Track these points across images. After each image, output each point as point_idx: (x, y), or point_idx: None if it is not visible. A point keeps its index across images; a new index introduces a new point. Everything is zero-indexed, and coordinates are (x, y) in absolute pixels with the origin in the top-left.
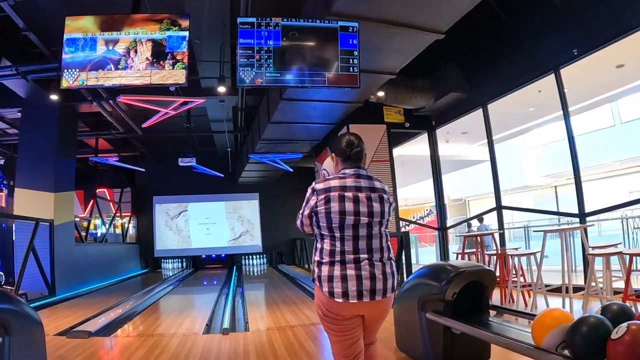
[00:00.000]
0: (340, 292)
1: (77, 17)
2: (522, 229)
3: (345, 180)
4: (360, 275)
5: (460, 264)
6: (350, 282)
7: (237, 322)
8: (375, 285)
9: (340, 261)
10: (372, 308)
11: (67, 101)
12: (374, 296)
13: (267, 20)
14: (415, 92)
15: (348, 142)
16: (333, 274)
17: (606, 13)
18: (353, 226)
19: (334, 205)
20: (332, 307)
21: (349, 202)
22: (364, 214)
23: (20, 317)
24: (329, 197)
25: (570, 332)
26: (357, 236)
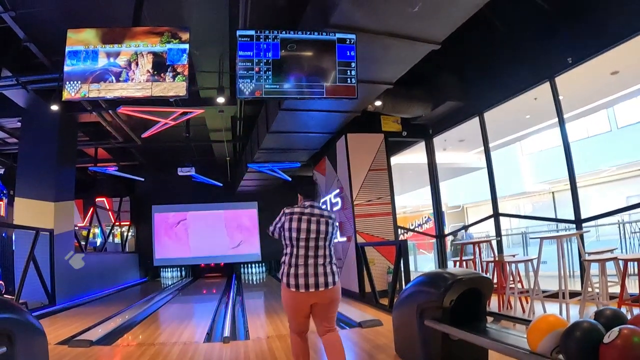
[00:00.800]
0: (294, 284)
1: (79, 30)
2: (520, 235)
3: (303, 209)
4: (307, 273)
5: (457, 271)
6: (300, 279)
7: (237, 331)
8: (318, 280)
9: (295, 264)
10: (319, 296)
11: (67, 111)
12: (318, 288)
13: (265, 33)
14: (412, 101)
15: (308, 186)
16: (290, 272)
17: (600, 22)
18: (305, 239)
19: (293, 224)
20: (288, 295)
21: (303, 222)
22: (313, 231)
23: (24, 327)
24: (292, 218)
25: (564, 337)
26: (307, 246)
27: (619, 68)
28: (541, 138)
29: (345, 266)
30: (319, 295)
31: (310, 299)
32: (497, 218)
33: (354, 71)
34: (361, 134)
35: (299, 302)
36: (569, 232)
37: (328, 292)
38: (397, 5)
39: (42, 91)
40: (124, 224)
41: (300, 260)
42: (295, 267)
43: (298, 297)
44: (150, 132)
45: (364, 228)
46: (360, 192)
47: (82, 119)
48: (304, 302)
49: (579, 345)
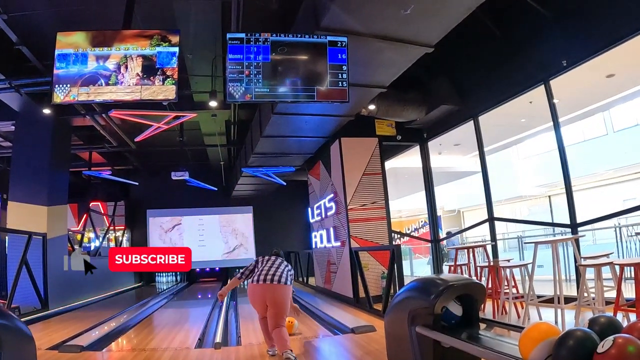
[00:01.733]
0: (255, 279)
1: (68, 33)
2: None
3: (271, 257)
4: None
5: (450, 277)
6: (261, 276)
7: (229, 336)
8: (272, 278)
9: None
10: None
11: (61, 115)
12: (271, 282)
13: (256, 36)
14: (406, 105)
15: (275, 252)
16: (254, 278)
17: (594, 24)
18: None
19: (261, 262)
20: (250, 288)
21: (267, 263)
22: (272, 268)
23: (12, 332)
24: (262, 260)
25: (557, 346)
26: (270, 267)
27: (615, 71)
28: (537, 141)
29: (339, 271)
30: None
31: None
32: (492, 222)
33: (346, 74)
34: (355, 138)
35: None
36: (564, 237)
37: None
38: (389, 8)
39: (36, 95)
40: (119, 228)
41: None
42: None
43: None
44: (143, 135)
45: (358, 233)
46: (354, 196)
47: (76, 122)
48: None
49: (572, 355)
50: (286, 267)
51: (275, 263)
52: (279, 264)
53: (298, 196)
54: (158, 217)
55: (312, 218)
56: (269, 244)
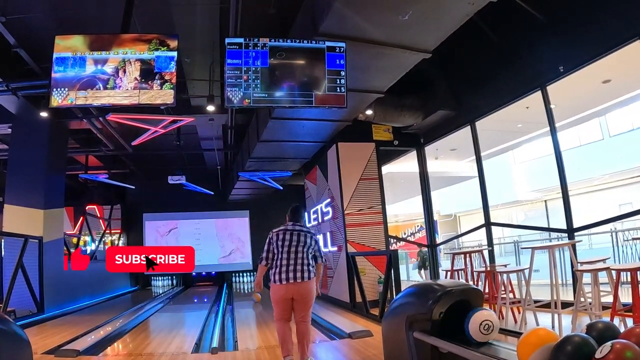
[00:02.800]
0: (278, 279)
1: (67, 36)
2: (513, 244)
3: (287, 226)
4: (288, 270)
5: (447, 283)
6: (282, 274)
7: (226, 341)
8: (295, 275)
9: (280, 265)
10: (296, 288)
11: (58, 118)
12: (295, 280)
13: (254, 41)
14: (403, 110)
15: (295, 211)
16: (276, 272)
17: (591, 30)
18: (287, 246)
19: (279, 237)
20: (275, 288)
21: (287, 236)
22: (293, 243)
23: (8, 336)
24: (278, 234)
25: (555, 352)
26: (289, 252)
27: (611, 76)
28: (533, 146)
29: (336, 276)
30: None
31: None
32: (489, 227)
33: (344, 80)
34: (352, 143)
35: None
36: (561, 242)
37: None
38: (387, 14)
39: (33, 98)
40: (115, 232)
41: (283, 262)
42: (280, 268)
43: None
44: (140, 139)
45: (355, 237)
46: (351, 201)
47: (72, 126)
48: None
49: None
50: (307, 247)
51: (293, 244)
52: (297, 244)
53: (295, 201)
54: (154, 220)
55: (309, 223)
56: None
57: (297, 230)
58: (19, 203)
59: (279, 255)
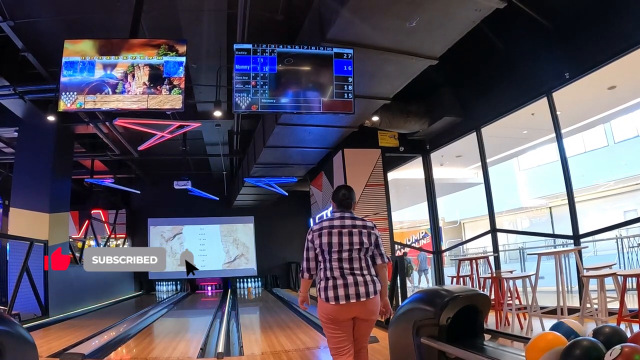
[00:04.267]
0: (332, 297)
1: (76, 41)
2: (518, 251)
3: (333, 221)
4: (346, 284)
5: (454, 288)
6: (340, 289)
7: (231, 346)
8: (358, 290)
9: (332, 277)
10: (360, 307)
11: (64, 122)
12: (358, 298)
13: (262, 47)
14: (409, 116)
15: (343, 194)
16: (328, 285)
17: (596, 37)
18: (337, 251)
19: (324, 238)
20: (327, 309)
21: (334, 236)
22: (345, 243)
23: (14, 339)
24: (321, 233)
25: (563, 356)
26: (341, 258)
27: (616, 83)
28: (538, 153)
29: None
30: (361, 306)
31: (351, 311)
32: (495, 234)
33: (351, 86)
34: (358, 149)
35: (342, 319)
36: (567, 248)
37: (369, 302)
38: (394, 21)
39: (40, 102)
40: (120, 237)
41: (336, 272)
42: (332, 280)
43: (340, 311)
44: (146, 144)
45: None
46: (356, 207)
47: (78, 130)
48: (347, 317)
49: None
50: (366, 249)
51: (345, 248)
52: (350, 247)
53: (300, 207)
54: (159, 225)
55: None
56: (270, 254)
57: (349, 225)
58: (24, 206)
59: (327, 264)
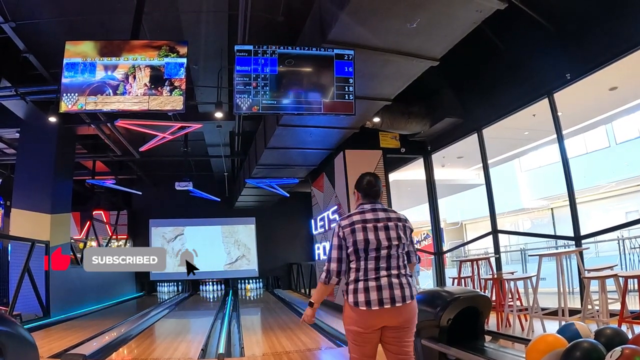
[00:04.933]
0: (364, 302)
1: (77, 42)
2: (519, 252)
3: (364, 214)
4: (380, 285)
5: (455, 289)
6: (372, 293)
7: (232, 347)
8: (393, 293)
9: (364, 279)
10: (394, 314)
11: (66, 123)
12: (393, 303)
13: (263, 48)
14: (410, 117)
15: (369, 182)
16: (358, 287)
17: (598, 37)
18: (375, 249)
19: (358, 235)
20: (356, 316)
21: (370, 231)
22: (383, 239)
23: (15, 339)
24: (354, 229)
25: (564, 358)
26: (379, 257)
27: (618, 84)
28: (539, 154)
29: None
30: (396, 312)
31: (384, 318)
32: (496, 235)
33: (352, 87)
34: (359, 150)
35: (371, 329)
36: (569, 249)
37: (406, 307)
38: (395, 21)
39: (41, 103)
40: (121, 238)
41: (370, 273)
42: (363, 281)
43: (371, 318)
44: (147, 145)
45: None
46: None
47: (80, 131)
48: (378, 326)
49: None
50: (403, 245)
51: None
52: (389, 242)
53: (301, 208)
54: (160, 226)
55: (315, 230)
56: (271, 255)
57: (383, 219)
58: (26, 207)
59: (361, 264)
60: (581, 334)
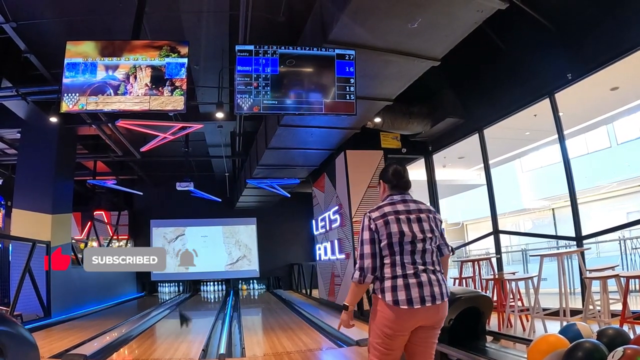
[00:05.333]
0: (405, 300)
1: (78, 42)
2: (520, 253)
3: (395, 205)
4: (421, 282)
5: (457, 290)
6: (413, 290)
7: (233, 348)
8: (433, 290)
9: (402, 275)
10: (433, 313)
11: (67, 124)
12: (434, 301)
13: (264, 48)
14: (411, 118)
15: (397, 172)
16: (397, 284)
17: (599, 38)
18: (410, 242)
19: (393, 227)
20: (395, 316)
21: (404, 223)
22: (417, 232)
23: (16, 340)
24: (387, 220)
25: (565, 358)
26: (414, 251)
27: (619, 84)
28: (541, 155)
29: (344, 283)
30: (434, 311)
31: (421, 317)
32: (497, 235)
33: (353, 87)
34: (360, 150)
35: (405, 331)
36: (570, 250)
37: (442, 306)
38: (396, 22)
39: (42, 103)
40: (122, 238)
41: (409, 268)
42: (402, 278)
43: (410, 318)
44: (148, 146)
45: None
46: (359, 208)
47: (81, 131)
48: (413, 326)
49: None
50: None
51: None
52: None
53: (302, 208)
54: (161, 227)
55: (316, 230)
56: (272, 256)
57: (415, 210)
58: (27, 207)
59: (397, 259)
60: (583, 334)
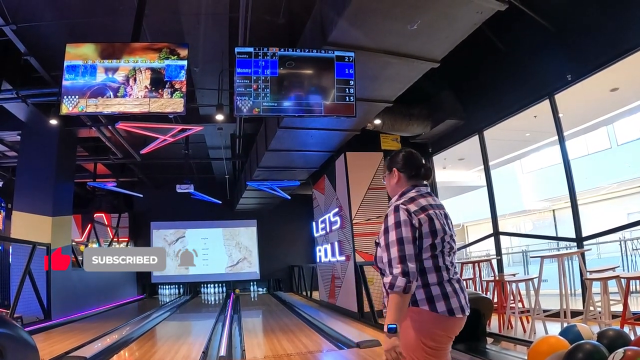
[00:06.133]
0: (458, 308)
1: (78, 45)
2: (521, 254)
3: (426, 198)
4: (455, 289)
5: None
6: (452, 298)
7: (234, 350)
8: (465, 298)
9: (448, 280)
10: (462, 323)
11: (67, 126)
12: (464, 311)
13: (264, 50)
14: (411, 119)
15: (417, 158)
16: (446, 290)
17: (599, 39)
18: (448, 242)
19: (437, 223)
20: (444, 327)
21: (437, 220)
22: (447, 231)
23: (16, 342)
24: (429, 215)
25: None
26: (450, 252)
27: (619, 85)
28: (541, 156)
29: (344, 285)
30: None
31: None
32: (497, 237)
33: (353, 89)
34: (360, 152)
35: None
36: (570, 251)
37: None
38: (396, 23)
39: (42, 105)
40: (122, 240)
41: (444, 273)
42: (445, 284)
43: (454, 328)
44: (148, 148)
45: (363, 247)
46: (359, 210)
47: (81, 134)
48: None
49: None
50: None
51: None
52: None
53: (302, 210)
54: (162, 229)
55: (317, 232)
56: (273, 258)
57: (439, 204)
58: (27, 210)
59: (439, 261)
60: (583, 335)
